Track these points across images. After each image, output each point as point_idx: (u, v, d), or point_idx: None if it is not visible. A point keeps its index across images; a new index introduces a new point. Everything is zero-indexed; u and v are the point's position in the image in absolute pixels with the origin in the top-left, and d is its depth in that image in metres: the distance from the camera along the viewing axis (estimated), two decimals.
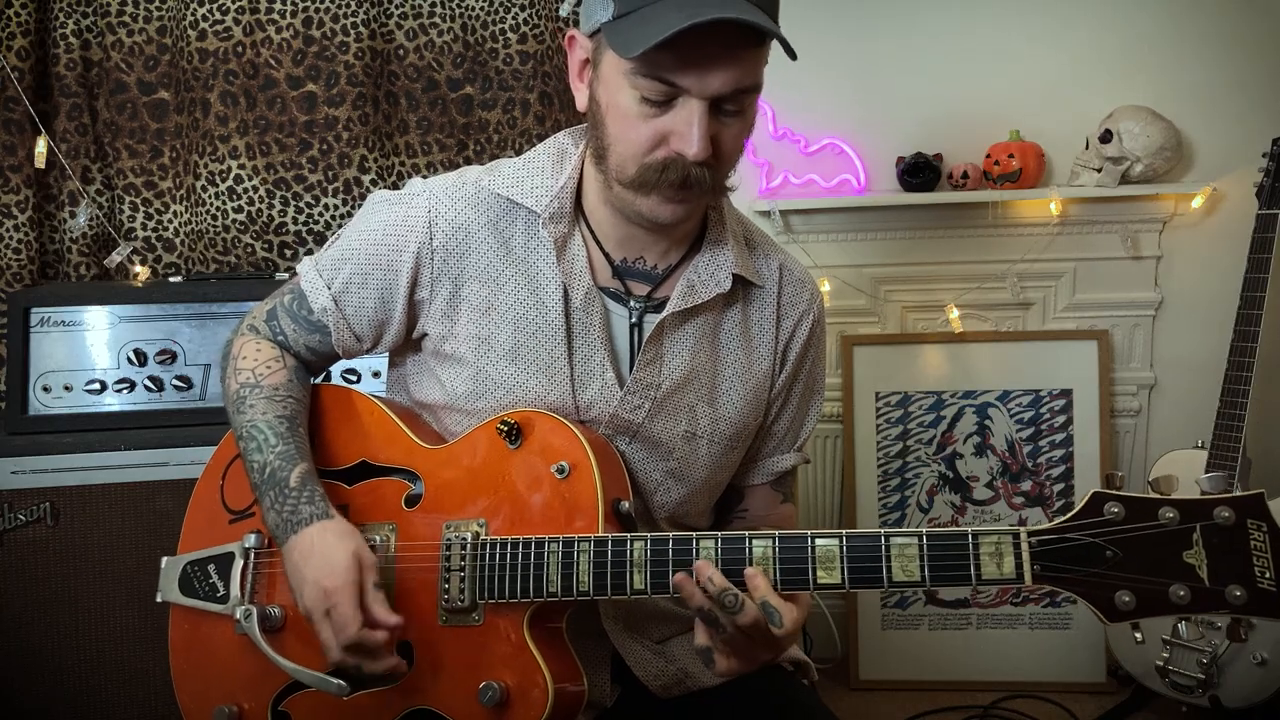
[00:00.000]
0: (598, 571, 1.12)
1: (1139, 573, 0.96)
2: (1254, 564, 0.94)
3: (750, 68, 1.13)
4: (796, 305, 1.36)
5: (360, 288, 1.29)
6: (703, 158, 1.13)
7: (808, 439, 1.43)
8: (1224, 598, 0.94)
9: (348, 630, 1.13)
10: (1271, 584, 0.94)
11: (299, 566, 1.18)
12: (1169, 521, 0.96)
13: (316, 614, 1.15)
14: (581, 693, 1.18)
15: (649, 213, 1.19)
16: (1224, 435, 2.27)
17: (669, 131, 1.13)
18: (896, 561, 1.03)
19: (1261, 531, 0.94)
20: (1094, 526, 0.98)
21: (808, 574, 1.06)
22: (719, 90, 1.11)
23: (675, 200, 1.18)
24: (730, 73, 1.11)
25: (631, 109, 1.14)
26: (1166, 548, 0.96)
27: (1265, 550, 0.94)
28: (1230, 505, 0.95)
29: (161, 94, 2.52)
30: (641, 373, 1.26)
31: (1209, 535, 0.95)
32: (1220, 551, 0.95)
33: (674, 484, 1.30)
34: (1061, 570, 0.99)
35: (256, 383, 1.30)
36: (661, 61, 1.09)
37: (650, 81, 1.11)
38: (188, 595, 1.32)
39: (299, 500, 1.21)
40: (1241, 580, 0.94)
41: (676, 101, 1.12)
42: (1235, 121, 2.60)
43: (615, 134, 1.17)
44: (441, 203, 1.27)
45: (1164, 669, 2.32)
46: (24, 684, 1.96)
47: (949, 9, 2.68)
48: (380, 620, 1.14)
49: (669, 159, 1.14)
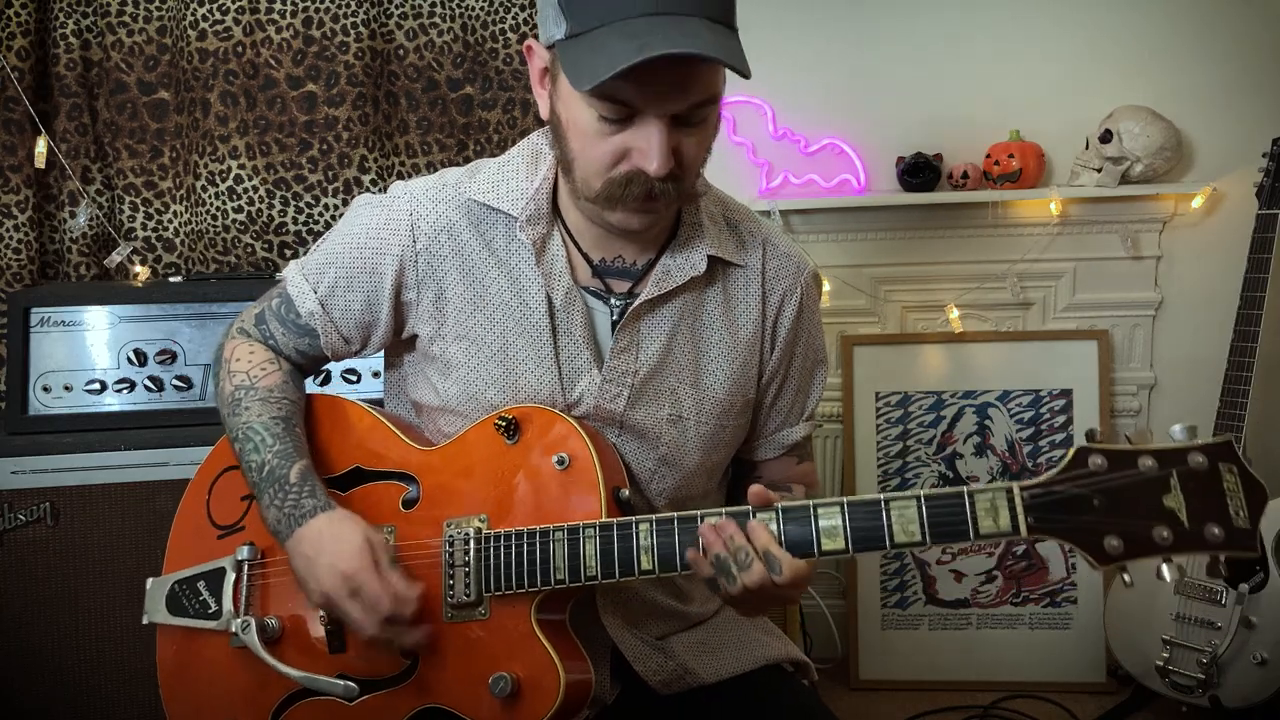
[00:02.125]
0: (605, 556, 1.13)
1: (1124, 518, 1.01)
2: (1228, 504, 1.00)
3: (706, 84, 1.12)
4: (782, 279, 1.36)
5: (346, 291, 1.30)
6: (664, 173, 1.12)
7: (815, 408, 1.44)
8: (1203, 536, 0.99)
9: (382, 604, 1.14)
10: (1245, 521, 1.00)
11: (310, 557, 1.18)
12: (1148, 470, 1.01)
13: (340, 598, 1.15)
14: (589, 681, 1.18)
15: (620, 224, 1.20)
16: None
17: (630, 148, 1.13)
18: (897, 524, 1.06)
19: (1232, 474, 1.01)
20: (1081, 478, 1.02)
21: (812, 542, 1.08)
22: (676, 110, 1.11)
23: (644, 210, 1.18)
24: (685, 94, 1.10)
25: (591, 127, 1.14)
26: (1147, 493, 1.01)
27: (1237, 491, 1.00)
28: (1202, 451, 1.01)
29: (161, 94, 2.52)
30: (615, 361, 1.27)
31: (1185, 480, 1.01)
32: (1197, 494, 1.00)
33: (667, 470, 1.30)
34: (1053, 521, 1.03)
35: (251, 385, 1.30)
36: (616, 89, 1.08)
37: (606, 103, 1.11)
38: (177, 614, 1.31)
39: (300, 494, 1.21)
40: (1218, 520, 1.00)
41: (635, 119, 1.12)
42: (1235, 121, 2.60)
43: (577, 150, 1.17)
44: (423, 205, 1.28)
45: (1164, 669, 2.32)
46: (24, 684, 1.96)
47: (949, 9, 2.68)
48: (404, 594, 1.15)
49: (632, 173, 1.14)
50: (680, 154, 1.14)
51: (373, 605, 1.14)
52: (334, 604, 1.16)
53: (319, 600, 1.18)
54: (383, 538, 1.20)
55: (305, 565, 1.18)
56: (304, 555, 1.18)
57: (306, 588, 1.19)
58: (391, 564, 1.17)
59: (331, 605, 1.17)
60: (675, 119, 1.12)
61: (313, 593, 1.18)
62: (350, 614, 1.16)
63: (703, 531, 1.11)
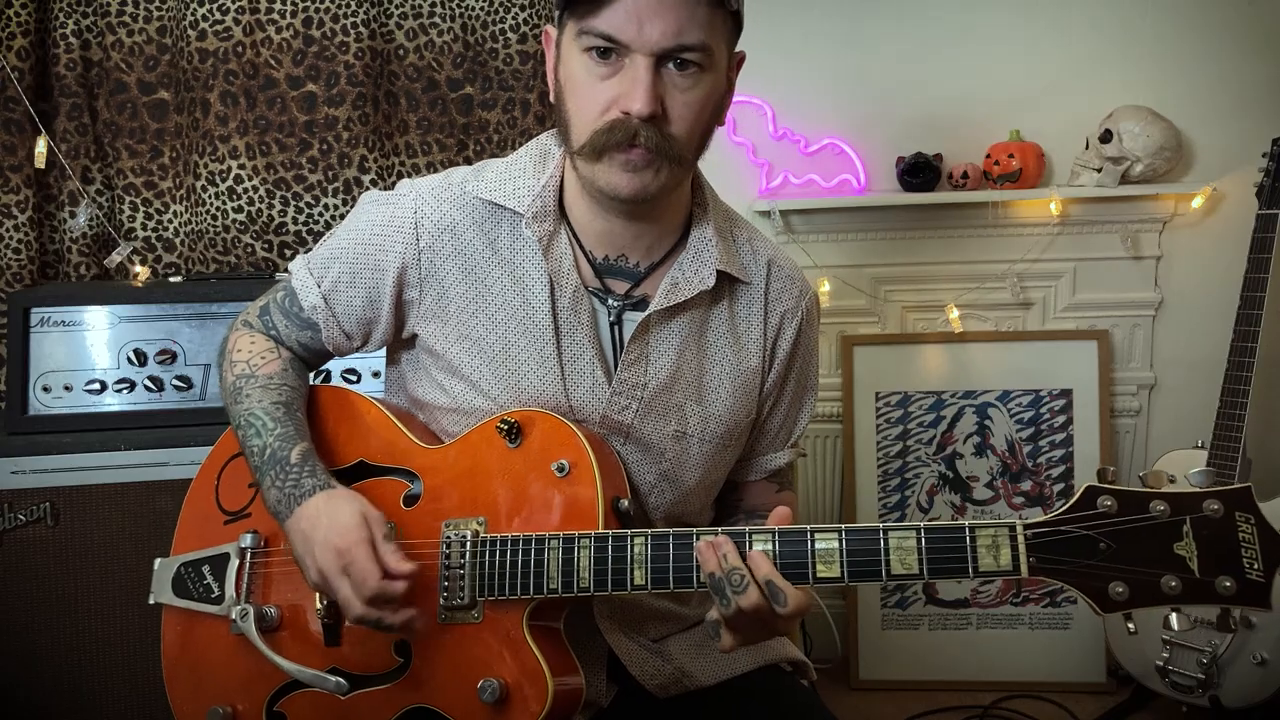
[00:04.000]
0: (598, 568, 1.13)
1: (1131, 564, 0.98)
2: (1243, 555, 0.96)
3: (691, 20, 1.13)
4: (784, 300, 1.36)
5: (349, 286, 1.30)
6: (647, 112, 1.13)
7: (801, 436, 1.43)
8: (1214, 588, 0.96)
9: (369, 582, 1.12)
10: (1260, 574, 0.96)
11: (307, 534, 1.17)
12: (1160, 514, 0.98)
13: (332, 573, 1.14)
14: (579, 690, 1.18)
15: (605, 184, 1.19)
16: (1224, 435, 2.27)
17: (618, 94, 1.14)
18: (895, 555, 1.05)
19: (1249, 524, 0.97)
20: (1087, 519, 1.00)
21: (807, 568, 1.07)
22: (659, 41, 1.12)
23: (629, 167, 1.16)
24: (669, 22, 1.12)
25: (582, 74, 1.16)
26: (1158, 540, 0.98)
27: (1253, 542, 0.96)
28: (1219, 498, 0.97)
29: (161, 94, 2.52)
30: (626, 373, 1.26)
31: (1199, 527, 0.97)
32: (1210, 543, 0.97)
33: (667, 486, 1.30)
34: (1056, 562, 1.00)
35: (252, 373, 1.31)
36: (604, 17, 1.11)
37: (593, 37, 1.13)
38: (181, 596, 1.32)
39: (300, 474, 1.21)
40: (1231, 571, 0.96)
41: (624, 63, 1.14)
42: (1235, 121, 2.60)
43: (572, 107, 1.19)
44: (428, 204, 1.28)
45: (1164, 669, 2.32)
46: (24, 684, 1.96)
47: (949, 9, 2.68)
48: (395, 570, 1.13)
49: (616, 120, 1.15)
50: (666, 105, 1.15)
51: (360, 580, 1.12)
52: (327, 581, 1.15)
53: (315, 579, 1.17)
54: (380, 515, 1.18)
55: (303, 543, 1.18)
56: (302, 533, 1.18)
57: (303, 565, 1.18)
58: (386, 540, 1.16)
59: (325, 583, 1.16)
60: (661, 62, 1.14)
61: (309, 570, 1.17)
62: (340, 591, 1.14)
63: (699, 549, 1.09)
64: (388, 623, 1.14)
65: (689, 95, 1.16)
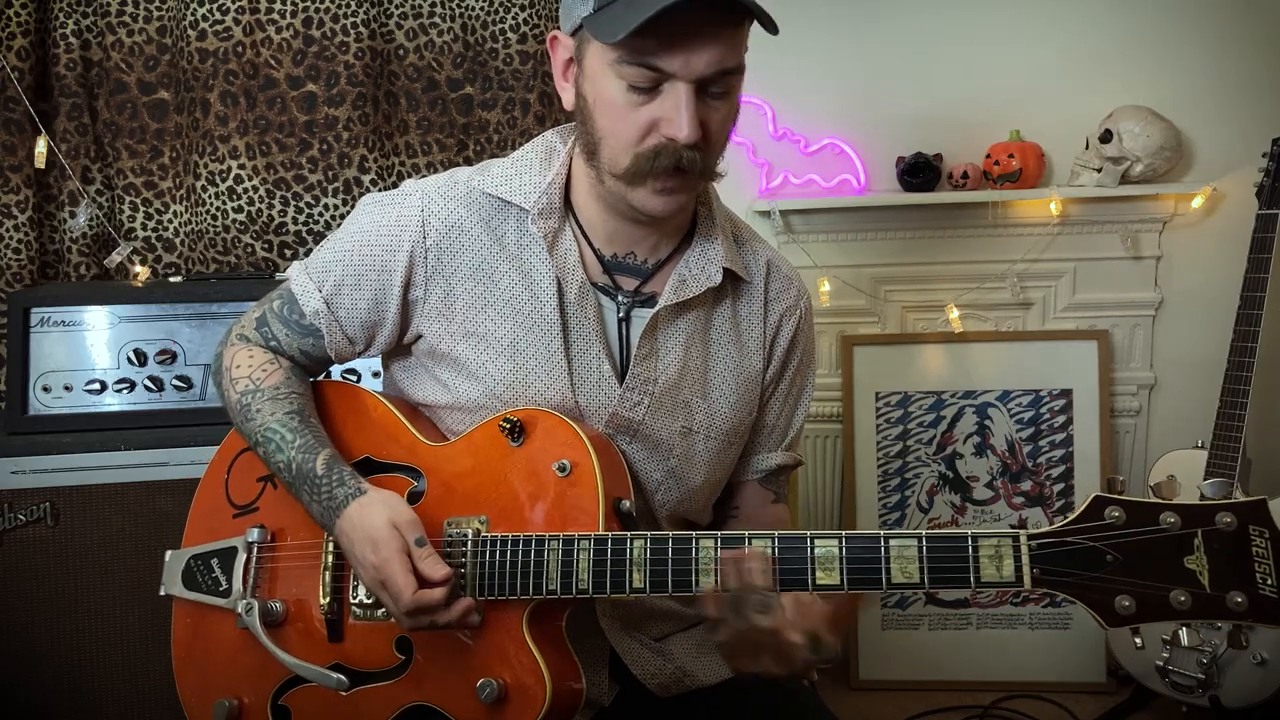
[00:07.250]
0: (597, 570, 1.12)
1: (1139, 577, 0.95)
2: (1255, 570, 0.93)
3: (733, 46, 1.14)
4: (782, 300, 1.37)
5: (353, 289, 1.29)
6: (694, 140, 1.13)
7: (796, 439, 1.43)
8: (1225, 604, 0.93)
9: (404, 597, 1.12)
10: (1273, 590, 0.93)
11: (350, 550, 1.19)
12: (1170, 526, 0.95)
13: (375, 588, 1.17)
14: (580, 691, 1.18)
15: (641, 205, 1.20)
16: (1224, 435, 2.27)
17: (658, 118, 1.14)
18: (896, 563, 1.03)
19: (1263, 538, 0.93)
20: (1094, 530, 0.97)
21: (806, 575, 1.06)
22: (704, 71, 1.12)
23: (667, 191, 1.18)
24: (713, 52, 1.12)
25: (619, 99, 1.15)
26: (1167, 553, 0.95)
27: (1267, 557, 0.93)
28: (1232, 511, 0.94)
29: (161, 94, 2.52)
30: (639, 368, 1.26)
31: (1210, 541, 0.94)
32: (1222, 557, 0.94)
33: (674, 484, 1.30)
34: (1061, 574, 0.98)
35: (257, 388, 1.30)
36: (645, 46, 1.10)
37: (635, 69, 1.12)
38: (191, 589, 1.33)
39: (331, 485, 1.21)
40: (1243, 587, 0.93)
41: (663, 87, 1.13)
42: (1235, 121, 2.60)
43: (605, 127, 1.17)
44: (434, 201, 1.28)
45: (1164, 669, 2.32)
46: (24, 683, 1.96)
47: (949, 9, 2.68)
48: (430, 577, 1.13)
49: (660, 146, 1.15)
50: (706, 127, 1.15)
51: (396, 596, 1.13)
52: (376, 594, 1.18)
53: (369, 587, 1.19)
54: (413, 518, 1.17)
55: (350, 557, 1.20)
56: (347, 549, 1.20)
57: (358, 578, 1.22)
58: (419, 544, 1.15)
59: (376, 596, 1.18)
60: (701, 88, 1.13)
61: (363, 583, 1.21)
62: (386, 605, 1.17)
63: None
64: (441, 624, 1.15)
65: (723, 113, 1.17)
